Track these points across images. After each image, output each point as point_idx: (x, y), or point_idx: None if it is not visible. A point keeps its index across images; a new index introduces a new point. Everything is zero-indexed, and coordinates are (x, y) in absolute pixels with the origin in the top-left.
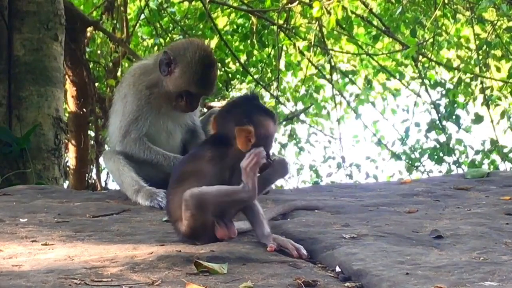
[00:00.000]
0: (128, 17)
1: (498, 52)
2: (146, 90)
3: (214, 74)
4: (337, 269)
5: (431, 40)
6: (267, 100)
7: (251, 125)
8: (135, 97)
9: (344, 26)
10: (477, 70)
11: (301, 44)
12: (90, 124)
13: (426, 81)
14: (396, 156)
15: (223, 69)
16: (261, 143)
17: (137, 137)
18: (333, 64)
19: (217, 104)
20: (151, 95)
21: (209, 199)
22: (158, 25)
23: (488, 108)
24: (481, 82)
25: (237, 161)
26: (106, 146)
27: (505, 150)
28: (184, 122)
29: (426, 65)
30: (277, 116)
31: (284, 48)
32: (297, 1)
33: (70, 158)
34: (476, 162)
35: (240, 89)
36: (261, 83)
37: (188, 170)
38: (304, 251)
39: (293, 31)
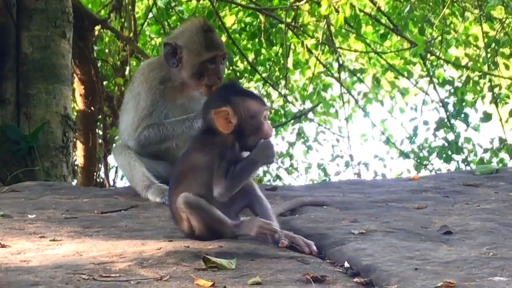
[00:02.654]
0: (136, 15)
1: (507, 50)
2: (160, 85)
3: (217, 36)
4: (346, 264)
5: (440, 38)
6: (275, 98)
7: (227, 105)
8: (149, 93)
9: (352, 24)
10: (485, 68)
11: (309, 42)
12: (98, 123)
13: (435, 79)
14: (404, 154)
15: (231, 68)
16: (246, 123)
17: (150, 125)
18: (341, 62)
19: None
20: (165, 90)
21: (201, 213)
22: (166, 24)
23: (497, 106)
24: (490, 80)
25: (226, 148)
26: (114, 144)
27: None
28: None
29: (435, 63)
30: (262, 96)
31: (292, 46)
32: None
33: (78, 156)
34: (485, 161)
35: (248, 88)
36: (269, 81)
37: (184, 168)
38: (314, 248)
39: (301, 29)
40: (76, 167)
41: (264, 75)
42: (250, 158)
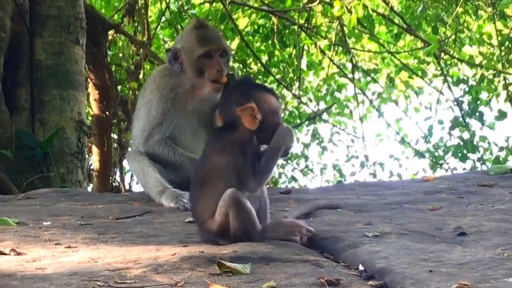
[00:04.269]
0: (149, 19)
1: None
2: (171, 93)
3: (212, 30)
4: (360, 267)
5: (453, 37)
6: (289, 100)
7: (251, 101)
8: (161, 102)
9: (365, 24)
10: (499, 66)
11: (322, 43)
12: (113, 127)
13: (449, 78)
14: (419, 154)
15: (244, 70)
16: (269, 118)
17: (161, 139)
18: (354, 62)
19: None
20: (176, 97)
21: (243, 212)
22: (179, 27)
23: None
24: (504, 78)
25: (247, 144)
26: (129, 148)
27: None
28: (208, 121)
29: (449, 62)
30: (277, 93)
31: (306, 47)
32: (318, 1)
33: (94, 161)
34: (501, 159)
35: None
36: (283, 83)
37: (207, 170)
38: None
39: (314, 30)
40: (91, 172)
41: (277, 76)
42: (272, 147)
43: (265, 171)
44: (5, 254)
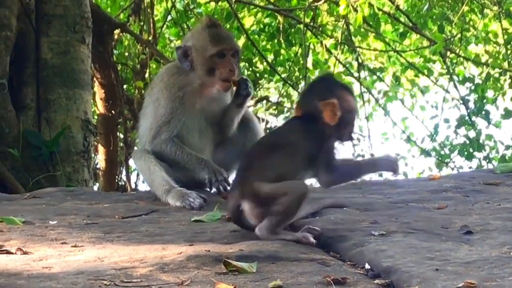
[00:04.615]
0: (155, 18)
1: None
2: (180, 91)
3: (224, 30)
4: (367, 266)
5: (459, 35)
6: (295, 98)
7: (334, 98)
8: (169, 100)
9: (371, 23)
10: (505, 64)
11: (328, 42)
12: (119, 126)
13: (455, 77)
14: (425, 152)
15: (250, 69)
16: (347, 116)
17: (168, 138)
18: (360, 61)
19: None
20: (185, 96)
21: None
22: (185, 26)
23: None
24: (510, 77)
25: (328, 137)
26: (135, 147)
27: None
28: (216, 121)
29: (454, 61)
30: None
31: (311, 46)
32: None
33: (100, 160)
34: (507, 157)
35: (268, 89)
36: (288, 82)
37: (281, 141)
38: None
39: (320, 29)
40: (98, 171)
41: (283, 75)
42: (372, 161)
43: (349, 173)
44: (12, 253)
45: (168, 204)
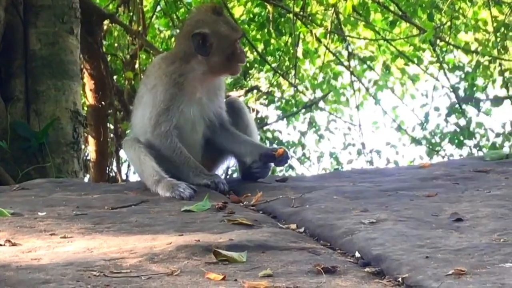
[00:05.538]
0: (144, 9)
1: None
2: (180, 77)
3: None
4: (357, 254)
5: (449, 23)
6: (285, 88)
7: None
8: (168, 86)
9: (360, 12)
10: (495, 52)
11: (318, 31)
12: (109, 117)
13: (445, 65)
14: (416, 141)
15: None
16: None
17: (168, 130)
18: (350, 50)
19: (235, 94)
20: (185, 82)
21: None
22: (175, 16)
23: (508, 90)
24: (500, 64)
25: None
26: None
27: None
28: (208, 116)
29: (444, 49)
30: None
31: (301, 36)
32: None
33: (90, 151)
34: (497, 145)
35: (258, 78)
36: (279, 71)
37: None
38: None
39: (310, 18)
40: (88, 162)
41: (273, 65)
42: None
43: None
44: (0, 245)
45: (158, 195)
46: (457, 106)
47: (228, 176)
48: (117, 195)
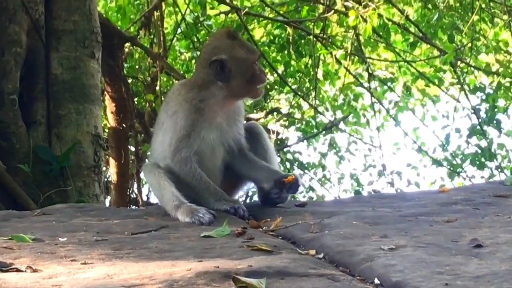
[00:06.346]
0: (165, 31)
1: None
2: (201, 103)
3: None
4: (376, 281)
5: (469, 45)
6: (306, 109)
7: None
8: (189, 112)
9: (381, 33)
10: None
11: (338, 53)
12: (130, 139)
13: (466, 87)
14: (437, 162)
15: None
16: None
17: (188, 156)
18: (371, 72)
19: (256, 116)
20: (206, 107)
21: None
22: (195, 39)
23: None
24: None
25: None
26: (146, 160)
27: None
28: (227, 141)
29: (465, 70)
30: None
31: (321, 57)
32: (333, 11)
33: (111, 173)
34: None
35: (278, 100)
36: (299, 93)
37: None
38: None
39: (330, 40)
40: (109, 184)
41: (294, 86)
42: None
43: None
44: (21, 271)
45: (178, 220)
46: (478, 127)
47: (247, 200)
48: (137, 220)
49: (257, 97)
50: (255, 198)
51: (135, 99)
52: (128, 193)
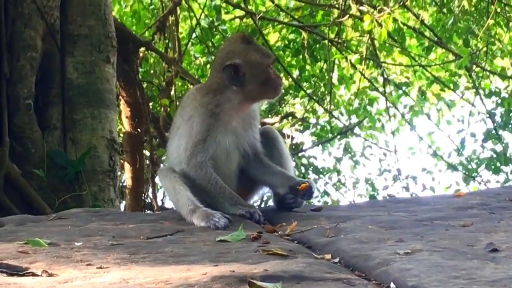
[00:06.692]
0: (180, 36)
1: None
2: (217, 108)
3: None
4: (392, 285)
5: (485, 49)
6: (321, 114)
7: None
8: (205, 117)
9: (396, 38)
10: None
11: (353, 57)
12: (145, 144)
13: (481, 91)
14: (452, 167)
15: None
16: None
17: (204, 161)
18: (386, 76)
19: (271, 120)
20: (222, 112)
21: None
22: (210, 43)
23: None
24: None
25: None
26: (162, 165)
27: None
28: (242, 146)
29: (480, 74)
30: None
31: (336, 62)
32: (348, 15)
33: (126, 178)
34: None
35: (293, 104)
36: (314, 97)
37: None
38: None
39: (345, 44)
40: (124, 189)
41: (309, 91)
42: None
43: None
44: (37, 275)
45: (193, 224)
46: (493, 131)
47: (263, 204)
48: (153, 225)
49: (274, 97)
50: (271, 202)
51: (150, 103)
52: (143, 197)
